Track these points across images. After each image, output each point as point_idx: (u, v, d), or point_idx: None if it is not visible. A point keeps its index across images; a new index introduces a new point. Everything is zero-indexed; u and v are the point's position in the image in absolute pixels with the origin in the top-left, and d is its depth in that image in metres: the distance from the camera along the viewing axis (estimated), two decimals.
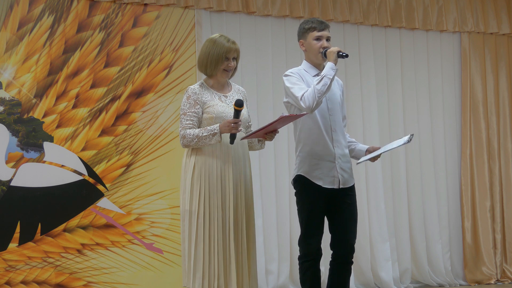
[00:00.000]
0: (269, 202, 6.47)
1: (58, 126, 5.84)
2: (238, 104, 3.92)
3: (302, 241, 4.21)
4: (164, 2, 6.15)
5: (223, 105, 4.08)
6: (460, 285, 7.08)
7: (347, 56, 4.12)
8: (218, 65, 4.08)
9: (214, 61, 4.08)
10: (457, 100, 7.37)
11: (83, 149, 5.89)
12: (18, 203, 5.67)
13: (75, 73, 5.91)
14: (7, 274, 5.61)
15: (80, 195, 5.85)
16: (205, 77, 4.19)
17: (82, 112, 5.90)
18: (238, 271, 4.02)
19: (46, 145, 5.78)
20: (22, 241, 5.66)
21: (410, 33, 7.20)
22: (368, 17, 6.95)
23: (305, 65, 4.30)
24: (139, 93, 6.07)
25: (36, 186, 5.73)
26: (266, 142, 4.24)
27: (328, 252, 4.28)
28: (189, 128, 4.02)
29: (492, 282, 7.13)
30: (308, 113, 4.08)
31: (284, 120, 3.96)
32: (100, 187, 5.91)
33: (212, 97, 4.10)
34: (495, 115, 7.41)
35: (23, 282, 5.63)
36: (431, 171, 7.14)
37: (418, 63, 7.21)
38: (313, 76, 4.23)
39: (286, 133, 6.39)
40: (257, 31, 6.59)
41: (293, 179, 4.27)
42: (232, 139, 3.97)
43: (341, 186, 4.20)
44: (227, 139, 4.02)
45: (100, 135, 5.94)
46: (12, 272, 5.62)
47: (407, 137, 4.10)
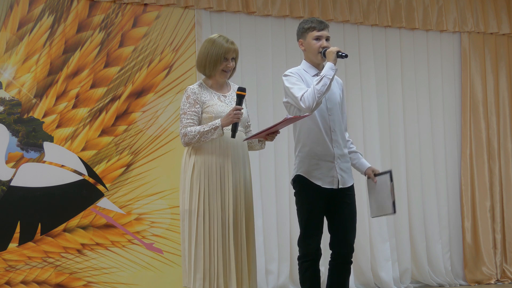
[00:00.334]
0: (269, 202, 6.47)
1: (58, 126, 5.84)
2: (241, 89, 3.94)
3: (302, 241, 4.21)
4: (164, 2, 6.15)
5: (223, 105, 4.08)
6: (460, 285, 7.08)
7: (347, 57, 4.11)
8: (217, 66, 4.08)
9: (213, 62, 4.08)
10: (457, 100, 7.37)
11: (83, 149, 5.89)
12: (18, 203, 5.67)
13: (75, 73, 5.91)
14: (7, 274, 5.61)
15: (80, 195, 5.85)
16: (204, 77, 4.19)
17: (82, 112, 5.90)
18: (238, 271, 4.02)
19: (46, 145, 5.78)
20: (22, 241, 5.66)
21: (410, 33, 7.20)
22: (368, 17, 6.95)
23: (305, 65, 4.29)
24: (139, 93, 6.07)
25: (36, 186, 5.73)
26: (266, 142, 4.25)
27: (328, 252, 4.28)
28: (190, 127, 4.02)
29: (492, 282, 7.12)
30: (310, 114, 4.09)
31: (288, 122, 3.97)
32: (100, 187, 5.92)
33: (212, 97, 4.10)
34: (495, 115, 7.40)
35: (23, 282, 5.63)
36: (431, 171, 7.14)
37: (418, 63, 7.21)
38: (313, 76, 4.22)
39: (286, 133, 6.39)
40: (257, 31, 6.59)
41: (292, 179, 4.27)
42: (234, 132, 3.96)
43: (340, 186, 4.20)
44: (228, 138, 4.03)
45: (100, 135, 5.95)
46: (12, 272, 5.62)
47: (389, 177, 4.22)
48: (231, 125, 3.97)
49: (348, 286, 4.30)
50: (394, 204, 4.21)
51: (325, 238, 4.22)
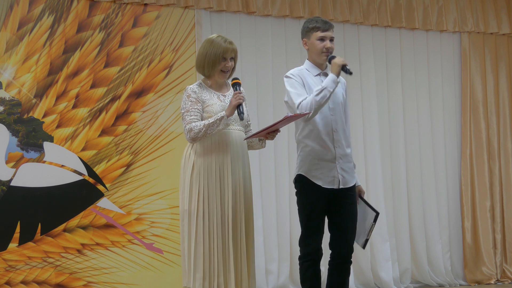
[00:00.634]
0: (269, 202, 6.46)
1: (58, 126, 5.84)
2: (234, 79, 4.03)
3: (302, 241, 4.21)
4: (164, 2, 6.15)
5: (222, 104, 4.09)
6: (460, 285, 7.08)
7: (351, 74, 4.07)
8: (215, 66, 4.09)
9: (211, 62, 4.08)
10: (457, 100, 7.37)
11: (83, 149, 5.89)
12: (18, 203, 5.67)
13: (75, 73, 5.91)
14: (7, 274, 5.61)
15: (80, 195, 5.85)
16: (203, 78, 4.19)
17: (82, 112, 5.90)
18: (237, 270, 4.02)
19: (46, 145, 5.78)
20: (22, 241, 5.66)
21: (410, 33, 7.20)
22: (368, 17, 6.95)
23: (308, 65, 4.29)
24: (139, 93, 6.07)
25: (36, 186, 5.73)
26: (267, 142, 4.25)
27: (328, 252, 4.28)
28: (194, 122, 4.02)
29: (492, 282, 7.12)
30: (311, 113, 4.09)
31: (288, 120, 3.98)
32: (100, 187, 5.92)
33: (211, 96, 4.10)
34: (495, 115, 7.40)
35: (23, 282, 5.63)
36: (431, 171, 7.13)
37: (418, 63, 7.21)
38: (315, 76, 4.22)
39: (286, 133, 6.39)
40: (257, 31, 6.59)
41: (294, 179, 4.27)
42: (241, 114, 3.96)
43: (341, 187, 4.19)
44: (227, 137, 4.04)
45: (100, 135, 5.95)
46: (12, 272, 5.62)
47: (373, 218, 4.21)
48: (236, 109, 3.98)
49: (348, 286, 4.30)
50: (366, 243, 4.27)
51: (326, 238, 4.23)
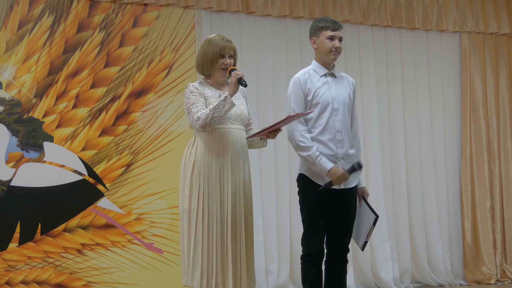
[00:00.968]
0: (269, 202, 6.46)
1: (58, 126, 5.84)
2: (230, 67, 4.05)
3: (305, 241, 4.21)
4: (164, 2, 6.15)
5: None
6: (460, 285, 7.08)
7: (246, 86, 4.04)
8: (214, 64, 4.09)
9: (210, 60, 4.09)
10: (457, 100, 7.37)
11: (83, 149, 5.89)
12: (18, 203, 5.67)
13: (75, 73, 5.91)
14: (7, 274, 5.61)
15: (80, 195, 5.85)
16: (204, 77, 4.20)
17: (82, 112, 5.90)
18: (236, 269, 4.03)
19: (46, 145, 5.78)
20: (22, 241, 5.66)
21: (410, 33, 7.19)
22: (368, 17, 6.95)
23: (315, 65, 4.29)
24: (139, 93, 6.07)
25: (36, 186, 5.73)
26: (267, 141, 4.27)
27: None
28: (200, 111, 4.00)
29: (492, 282, 7.12)
30: (313, 112, 4.09)
31: (290, 119, 3.99)
32: (100, 187, 5.92)
33: (213, 94, 4.11)
34: (495, 115, 7.40)
35: (23, 282, 5.63)
36: (431, 171, 7.13)
37: (418, 63, 7.21)
38: (321, 77, 4.22)
39: (287, 133, 6.37)
40: (257, 31, 6.59)
41: (297, 178, 4.27)
42: (244, 82, 3.96)
43: (342, 187, 4.20)
44: (227, 137, 4.04)
45: (100, 135, 5.95)
46: (12, 272, 5.62)
47: (373, 220, 4.19)
48: (239, 84, 3.97)
49: (346, 285, 4.30)
50: (365, 244, 4.25)
51: None
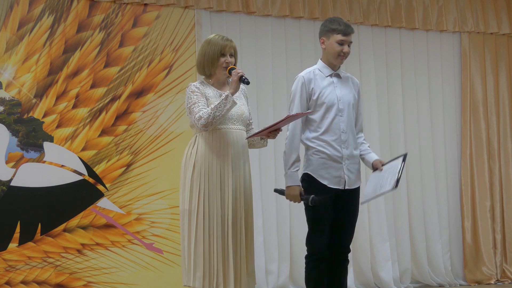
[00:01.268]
0: (269, 202, 6.46)
1: (58, 126, 5.84)
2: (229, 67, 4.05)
3: (309, 240, 4.21)
4: (164, 2, 6.15)
5: None
6: (460, 285, 7.08)
7: (248, 83, 4.04)
8: (215, 63, 4.09)
9: (210, 60, 4.09)
10: (457, 100, 7.37)
11: (83, 149, 5.89)
12: (18, 203, 5.67)
13: (75, 73, 5.91)
14: (7, 274, 5.61)
15: (80, 195, 5.85)
16: (204, 77, 4.20)
17: (82, 112, 5.90)
18: (237, 269, 4.03)
19: (46, 145, 5.78)
20: (22, 241, 5.66)
21: (410, 33, 7.19)
22: (368, 17, 6.95)
23: (320, 65, 4.28)
24: (139, 93, 6.07)
25: (36, 186, 5.73)
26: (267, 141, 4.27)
27: None
28: (202, 110, 4.00)
29: (492, 282, 7.12)
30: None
31: (291, 119, 3.99)
32: (100, 187, 5.92)
33: (214, 94, 4.11)
34: (495, 115, 7.40)
35: (23, 282, 5.63)
36: (431, 171, 7.13)
37: (418, 63, 7.21)
38: (327, 77, 4.22)
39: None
40: (257, 31, 6.59)
41: (301, 178, 4.27)
42: (246, 79, 3.96)
43: (347, 187, 4.20)
44: (227, 137, 4.04)
45: (100, 135, 5.95)
46: (12, 272, 5.62)
47: (401, 158, 4.13)
48: (241, 82, 3.97)
49: (347, 285, 4.30)
50: (398, 181, 4.07)
51: None
